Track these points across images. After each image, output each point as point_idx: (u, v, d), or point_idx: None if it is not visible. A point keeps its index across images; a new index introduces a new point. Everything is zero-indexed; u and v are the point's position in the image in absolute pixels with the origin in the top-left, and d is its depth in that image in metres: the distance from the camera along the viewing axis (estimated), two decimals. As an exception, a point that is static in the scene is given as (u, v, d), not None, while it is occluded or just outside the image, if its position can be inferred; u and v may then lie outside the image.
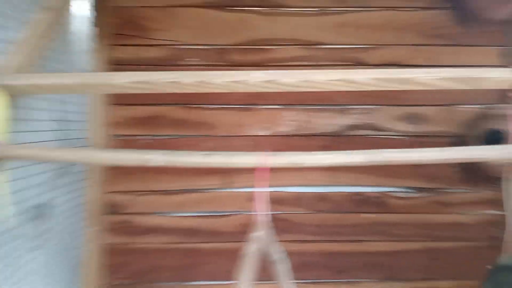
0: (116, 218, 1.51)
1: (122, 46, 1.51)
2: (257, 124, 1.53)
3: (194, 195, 1.52)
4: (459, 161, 0.68)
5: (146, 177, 1.51)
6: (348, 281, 1.54)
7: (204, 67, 1.52)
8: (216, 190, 1.53)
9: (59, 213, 1.23)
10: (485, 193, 1.55)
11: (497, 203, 1.55)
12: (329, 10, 1.54)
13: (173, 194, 1.52)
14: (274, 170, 1.48)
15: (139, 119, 1.51)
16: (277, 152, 0.69)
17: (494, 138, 1.33)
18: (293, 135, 1.54)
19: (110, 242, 1.50)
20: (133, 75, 0.76)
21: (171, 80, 0.76)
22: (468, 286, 1.53)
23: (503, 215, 1.53)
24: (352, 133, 1.54)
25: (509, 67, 0.89)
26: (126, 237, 1.51)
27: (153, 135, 1.52)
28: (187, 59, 1.52)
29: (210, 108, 1.52)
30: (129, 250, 1.50)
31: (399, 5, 1.54)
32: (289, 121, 1.53)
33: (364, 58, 1.54)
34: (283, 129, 1.53)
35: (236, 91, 0.79)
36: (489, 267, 0.91)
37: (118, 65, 1.50)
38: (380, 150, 0.68)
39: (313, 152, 0.68)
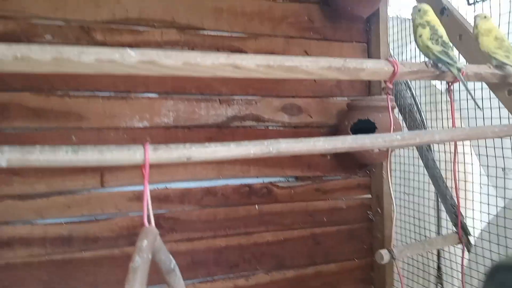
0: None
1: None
2: (133, 114, 1.39)
3: (61, 198, 1.31)
4: (348, 150, 0.68)
5: (-5, 180, 1.24)
6: (241, 275, 1.52)
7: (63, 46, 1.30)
8: (90, 191, 1.34)
9: None
10: (356, 179, 1.68)
11: (366, 188, 1.70)
12: (205, -6, 1.47)
13: (33, 199, 1.28)
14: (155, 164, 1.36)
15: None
16: (159, 145, 0.59)
17: (363, 127, 1.45)
18: (174, 127, 1.44)
19: None
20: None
21: (14, 54, 0.60)
22: (348, 267, 1.66)
23: (372, 198, 1.70)
24: (235, 124, 1.51)
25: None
26: (-29, 255, 1.22)
27: (1, 129, 1.25)
28: (39, 36, 1.28)
29: (75, 96, 1.32)
30: (-25, 271, 1.22)
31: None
32: (168, 111, 1.43)
33: (241, 47, 1.51)
34: (163, 120, 1.42)
35: (107, 72, 0.67)
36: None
37: None
38: (273, 140, 0.64)
39: (204, 144, 0.60)
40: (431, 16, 0.91)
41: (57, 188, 1.30)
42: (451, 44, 0.90)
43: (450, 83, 0.93)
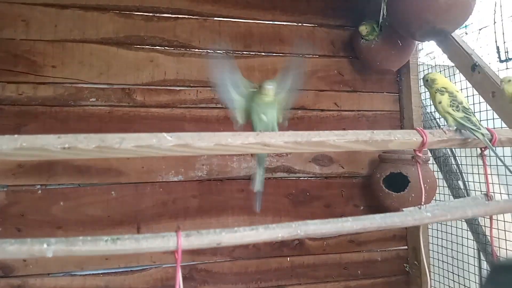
0: (6, 283, 1.28)
1: (5, 83, 1.33)
2: (169, 169, 1.45)
3: (99, 250, 1.37)
4: (377, 229, 0.69)
5: (40, 234, 1.32)
6: (270, 330, 1.50)
7: (106, 107, 1.40)
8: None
9: None
10: (392, 229, 1.65)
11: (402, 239, 1.66)
12: (236, 53, 1.55)
13: (74, 252, 1.35)
14: (186, 217, 1.40)
15: (27, 166, 1.33)
16: (191, 232, 0.62)
17: (395, 181, 1.43)
18: (207, 180, 1.48)
19: (-6, 315, 1.27)
20: (13, 140, 0.65)
21: (63, 145, 0.66)
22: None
23: (408, 250, 1.65)
24: (266, 176, 1.54)
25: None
26: (16, 307, 1.29)
27: (45, 185, 1.34)
28: (84, 100, 1.39)
29: (117, 154, 1.40)
30: (19, 323, 1.29)
31: (305, 52, 1.61)
32: (202, 165, 1.48)
33: (275, 101, 1.56)
34: (197, 173, 1.47)
35: (147, 156, 0.72)
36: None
37: (0, 105, 1.31)
38: (301, 222, 0.66)
39: (233, 229, 0.63)
40: (441, 81, 0.91)
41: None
42: (472, 110, 0.89)
43: (482, 149, 0.92)
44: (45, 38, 1.37)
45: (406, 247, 1.66)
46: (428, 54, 1.83)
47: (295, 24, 1.62)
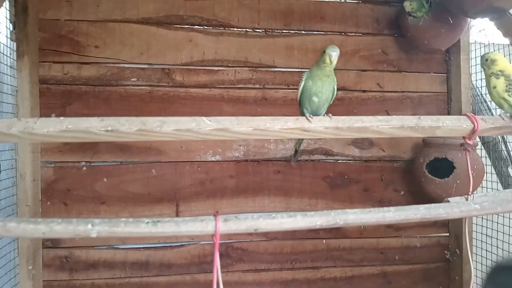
0: (54, 253, 1.37)
1: (51, 63, 1.37)
2: (207, 149, 1.46)
3: (140, 226, 1.42)
4: (420, 220, 0.66)
5: (85, 208, 1.39)
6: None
7: (146, 87, 1.42)
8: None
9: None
10: (431, 215, 1.59)
11: (443, 226, 1.60)
12: (275, 32, 1.51)
13: (116, 226, 1.41)
14: (223, 196, 1.41)
15: (73, 144, 1.38)
16: (229, 216, 0.62)
17: (439, 166, 1.37)
18: (244, 160, 1.49)
19: (48, 279, 1.36)
20: (59, 123, 0.67)
21: (106, 128, 0.67)
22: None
23: (450, 237, 1.59)
24: (303, 158, 1.52)
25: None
26: (66, 274, 1.37)
27: (90, 162, 1.40)
28: (125, 79, 1.41)
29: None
30: (68, 289, 1.38)
31: (346, 30, 1.54)
32: (239, 145, 1.48)
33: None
34: (234, 154, 1.48)
35: (185, 139, 0.73)
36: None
37: (46, 85, 1.36)
38: (340, 211, 0.64)
39: (271, 215, 0.62)
40: (502, 64, 0.84)
41: (137, 216, 1.41)
42: None
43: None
44: (88, 19, 1.40)
45: (447, 234, 1.60)
46: (481, 31, 1.71)
47: (338, 0, 1.55)
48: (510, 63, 1.09)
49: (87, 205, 1.39)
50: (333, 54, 0.87)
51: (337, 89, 1.49)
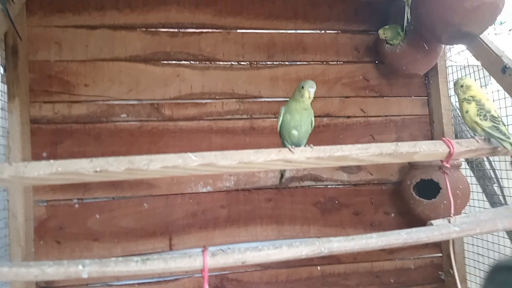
0: (44, 296, 1.36)
1: (41, 103, 1.40)
2: (198, 181, 1.48)
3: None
4: (402, 245, 0.68)
5: (77, 246, 1.39)
6: None
7: (136, 122, 1.45)
8: (160, 254, 1.43)
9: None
10: (422, 236, 1.60)
11: (435, 246, 1.61)
12: (260, 64, 1.56)
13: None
14: (216, 227, 1.42)
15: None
16: (216, 251, 0.64)
17: (426, 187, 1.40)
18: (235, 190, 1.50)
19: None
20: (49, 166, 0.69)
21: (95, 169, 0.69)
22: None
23: (443, 257, 1.60)
24: (293, 184, 1.54)
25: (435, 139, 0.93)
26: (57, 317, 1.36)
27: (81, 199, 1.41)
28: (116, 116, 1.44)
29: (148, 167, 1.45)
30: (60, 331, 1.35)
31: (327, 59, 1.60)
32: (230, 175, 1.50)
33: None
34: (225, 184, 1.50)
35: (171, 175, 0.75)
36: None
37: (37, 124, 1.39)
38: (324, 239, 0.66)
39: (257, 248, 0.64)
40: (475, 90, 0.89)
41: (130, 252, 1.41)
42: (501, 118, 0.86)
43: (514, 157, 0.89)
44: (77, 58, 1.44)
45: (440, 254, 1.61)
46: (459, 52, 1.78)
47: (318, 31, 1.61)
48: (483, 86, 1.14)
49: (80, 242, 1.39)
50: (311, 90, 0.89)
51: (322, 116, 1.55)
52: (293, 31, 1.59)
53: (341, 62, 1.62)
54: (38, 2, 1.41)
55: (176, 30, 1.52)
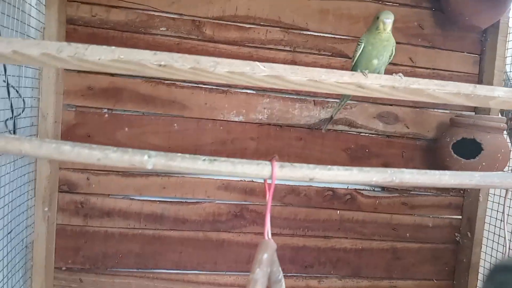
0: (70, 198, 1.36)
1: (79, 3, 1.32)
2: (231, 108, 1.44)
3: (158, 179, 1.41)
4: (474, 187, 0.65)
5: (105, 156, 1.37)
6: (315, 276, 1.53)
7: (175, 38, 1.38)
8: (184, 176, 1.42)
9: (5, 185, 1.08)
10: (448, 197, 1.59)
11: (457, 208, 1.60)
12: (311, -6, 1.45)
13: (134, 176, 1.39)
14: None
15: (96, 89, 1.35)
16: (285, 164, 0.61)
17: (464, 147, 1.35)
18: (267, 124, 1.46)
19: (62, 223, 1.36)
20: (111, 52, 0.63)
21: (159, 62, 0.64)
22: (425, 287, 1.60)
23: (462, 220, 1.60)
24: (327, 127, 1.50)
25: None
26: (81, 219, 1.37)
27: (112, 109, 1.37)
28: (155, 28, 1.37)
29: (181, 86, 1.40)
30: (83, 234, 1.37)
31: (385, -1, 1.49)
32: (264, 108, 1.45)
33: (343, 50, 1.48)
34: (257, 116, 1.45)
35: (236, 83, 0.70)
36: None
37: (73, 25, 1.32)
38: (396, 170, 0.63)
39: (327, 166, 0.61)
40: None
41: (156, 170, 1.40)
42: None
43: None
44: (120, -40, 1.34)
45: (460, 217, 1.60)
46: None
47: (378, -33, 1.49)
48: None
49: (106, 153, 1.37)
50: (387, 21, 0.89)
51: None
52: (352, -37, 1.47)
53: (397, 4, 1.50)
54: None
55: None
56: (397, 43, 1.48)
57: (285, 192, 1.49)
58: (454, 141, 1.37)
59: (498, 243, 1.54)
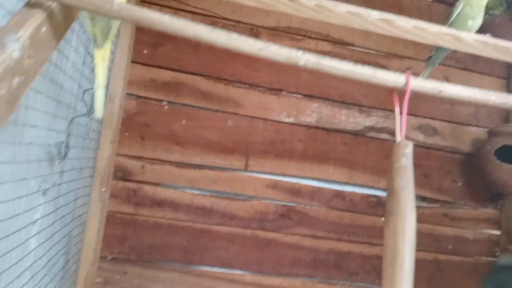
0: (122, 185, 1.36)
1: (150, 4, 1.42)
2: (282, 110, 1.50)
3: (210, 172, 1.42)
4: None
5: (160, 145, 1.40)
6: (360, 285, 1.49)
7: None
8: (235, 171, 1.44)
9: (70, 162, 1.08)
10: (485, 211, 1.62)
11: (495, 223, 1.62)
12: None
13: (187, 168, 1.41)
14: (291, 158, 1.45)
15: (158, 82, 1.41)
16: (417, 78, 0.67)
17: (505, 155, 1.42)
18: (315, 127, 1.52)
19: (112, 210, 1.34)
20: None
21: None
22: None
23: (501, 235, 1.61)
24: (371, 134, 1.57)
25: None
26: (132, 208, 1.36)
27: (171, 102, 1.42)
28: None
29: (237, 86, 1.47)
30: (132, 222, 1.35)
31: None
32: (313, 112, 1.53)
33: (385, 65, 1.58)
34: (306, 119, 1.52)
35: (350, 26, 0.78)
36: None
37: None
38: None
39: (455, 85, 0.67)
40: None
41: (208, 163, 1.42)
42: None
43: None
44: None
45: (499, 232, 1.62)
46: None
47: (415, -3, 1.67)
48: None
49: (162, 143, 1.40)
50: None
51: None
52: (393, -10, 1.65)
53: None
54: None
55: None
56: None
57: (331, 196, 1.51)
58: (495, 148, 1.44)
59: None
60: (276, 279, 1.44)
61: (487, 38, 0.80)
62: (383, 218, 1.53)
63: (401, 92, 0.69)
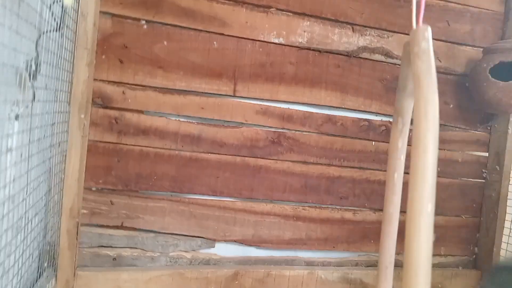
0: (103, 113, 1.27)
1: None
2: (271, 29, 1.40)
3: (196, 98, 1.34)
4: None
5: (141, 69, 1.29)
6: (349, 209, 1.50)
7: None
8: (223, 97, 1.37)
9: (43, 79, 0.98)
10: (475, 133, 1.61)
11: (484, 145, 1.63)
12: None
13: (172, 94, 1.32)
14: (281, 82, 1.36)
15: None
16: None
17: (502, 71, 1.38)
18: (307, 48, 1.43)
19: (94, 139, 1.26)
20: None
21: None
22: (454, 223, 1.61)
23: (489, 156, 1.62)
24: (364, 55, 1.49)
25: None
26: (114, 136, 1.28)
27: (151, 21, 1.29)
28: None
29: (222, 2, 1.35)
30: (116, 152, 1.28)
31: None
32: (304, 31, 1.43)
33: None
34: (297, 39, 1.42)
35: None
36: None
37: None
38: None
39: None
40: None
41: (194, 88, 1.34)
42: None
43: None
44: None
45: (487, 154, 1.63)
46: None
47: None
48: None
49: (144, 67, 1.29)
50: None
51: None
52: None
53: None
54: None
55: None
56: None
57: (322, 121, 1.46)
58: (490, 66, 1.40)
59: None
60: (267, 205, 1.43)
61: None
62: (373, 142, 1.51)
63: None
